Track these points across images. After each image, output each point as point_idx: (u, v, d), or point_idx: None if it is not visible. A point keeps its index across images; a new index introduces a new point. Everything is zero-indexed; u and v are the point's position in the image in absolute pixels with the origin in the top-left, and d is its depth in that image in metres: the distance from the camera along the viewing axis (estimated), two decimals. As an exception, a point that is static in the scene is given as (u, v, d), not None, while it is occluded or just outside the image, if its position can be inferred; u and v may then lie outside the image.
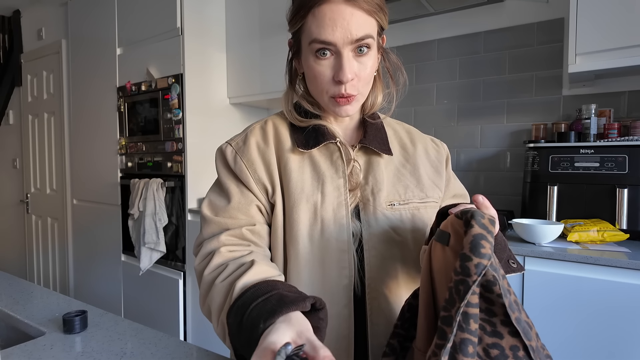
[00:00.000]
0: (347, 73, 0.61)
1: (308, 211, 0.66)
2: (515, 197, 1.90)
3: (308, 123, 0.70)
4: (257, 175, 0.68)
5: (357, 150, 0.71)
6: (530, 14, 1.85)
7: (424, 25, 2.12)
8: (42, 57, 3.18)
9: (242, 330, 0.48)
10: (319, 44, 0.61)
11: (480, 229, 0.45)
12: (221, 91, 2.40)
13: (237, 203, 0.68)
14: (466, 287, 0.44)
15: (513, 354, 0.46)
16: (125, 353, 0.72)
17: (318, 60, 0.63)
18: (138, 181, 2.31)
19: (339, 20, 0.59)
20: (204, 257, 0.65)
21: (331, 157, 0.69)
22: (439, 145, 0.80)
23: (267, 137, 0.71)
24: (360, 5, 0.59)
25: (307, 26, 0.62)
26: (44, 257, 3.31)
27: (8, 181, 3.64)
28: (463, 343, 0.44)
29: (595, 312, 1.20)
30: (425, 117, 2.14)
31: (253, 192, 0.68)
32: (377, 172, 0.70)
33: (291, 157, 0.68)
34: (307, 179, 0.67)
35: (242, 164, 0.68)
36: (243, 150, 0.70)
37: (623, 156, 1.41)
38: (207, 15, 2.29)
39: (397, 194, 0.69)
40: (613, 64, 1.43)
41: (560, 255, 1.24)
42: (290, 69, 0.73)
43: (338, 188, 0.67)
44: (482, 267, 0.43)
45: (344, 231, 0.66)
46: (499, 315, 0.46)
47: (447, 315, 0.45)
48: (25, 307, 0.96)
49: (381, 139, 0.72)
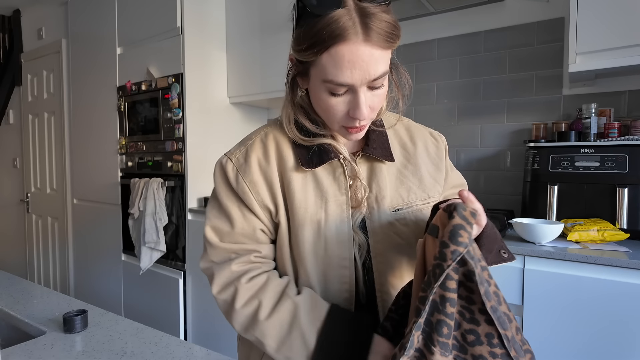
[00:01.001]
0: (364, 111, 0.60)
1: (312, 230, 0.67)
2: (515, 197, 1.90)
3: (312, 142, 0.68)
4: (260, 197, 0.67)
5: (360, 159, 0.71)
6: (531, 13, 1.85)
7: (424, 24, 2.12)
8: (42, 56, 3.17)
9: None
10: (334, 85, 0.58)
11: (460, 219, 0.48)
12: (221, 91, 2.40)
13: (242, 229, 0.68)
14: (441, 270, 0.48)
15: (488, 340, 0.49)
16: (126, 352, 0.72)
17: (331, 96, 0.60)
18: (138, 181, 2.31)
19: (358, 62, 0.56)
20: (223, 287, 0.67)
21: (334, 174, 0.69)
22: (438, 139, 0.79)
23: (268, 153, 0.69)
24: (379, 44, 0.56)
25: (321, 64, 0.58)
26: (44, 257, 3.31)
27: (8, 181, 3.64)
28: (438, 324, 0.49)
29: (595, 312, 1.20)
30: (426, 116, 2.14)
31: (257, 215, 0.68)
32: (380, 178, 0.70)
33: (294, 176, 0.67)
34: (310, 197, 0.67)
35: (245, 185, 0.67)
36: (245, 169, 0.68)
37: (623, 156, 1.41)
38: (207, 14, 2.28)
39: (401, 198, 0.70)
40: (613, 63, 1.43)
41: (561, 255, 1.24)
42: (291, 85, 0.68)
43: (340, 205, 0.67)
44: (458, 253, 0.47)
45: (346, 249, 0.67)
46: (477, 304, 0.50)
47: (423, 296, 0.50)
48: (25, 307, 0.96)
49: (383, 145, 0.72)
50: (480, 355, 0.49)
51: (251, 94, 2.31)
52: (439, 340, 0.49)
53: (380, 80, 0.59)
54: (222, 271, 0.67)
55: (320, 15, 0.55)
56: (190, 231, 2.22)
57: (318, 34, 0.56)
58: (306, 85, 0.66)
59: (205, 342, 2.22)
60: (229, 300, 0.66)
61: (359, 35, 0.55)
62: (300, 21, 0.59)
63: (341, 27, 0.54)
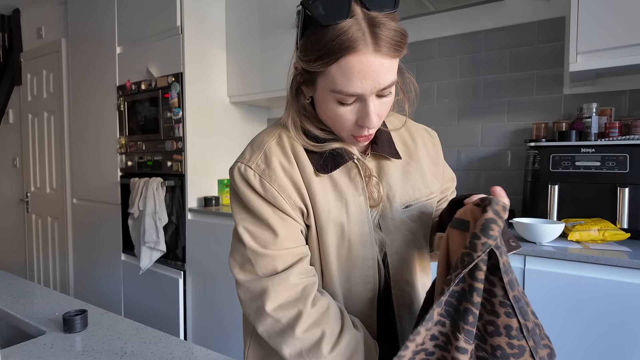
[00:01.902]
0: (374, 120, 0.60)
1: (335, 233, 0.66)
2: (516, 196, 1.89)
3: (323, 148, 0.67)
4: (292, 200, 0.65)
5: (368, 157, 0.72)
6: (531, 12, 1.85)
7: (425, 23, 2.11)
8: (42, 56, 3.17)
9: None
10: (344, 95, 0.58)
11: (492, 214, 0.51)
12: (221, 90, 2.40)
13: (286, 233, 0.65)
14: (470, 259, 0.50)
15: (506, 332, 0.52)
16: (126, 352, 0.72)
17: (340, 106, 0.60)
18: (138, 180, 2.30)
19: (368, 72, 0.55)
20: (282, 305, 0.62)
21: (349, 174, 0.68)
22: (433, 135, 0.81)
23: (288, 156, 0.67)
24: (388, 54, 0.55)
25: (330, 74, 0.57)
26: (44, 257, 3.31)
27: (8, 180, 3.64)
28: (465, 312, 0.52)
29: (595, 311, 1.20)
30: (426, 116, 2.14)
31: (293, 218, 0.66)
32: (388, 176, 0.71)
33: (313, 179, 0.66)
34: (331, 199, 0.66)
35: (274, 190, 0.64)
36: (269, 174, 0.65)
37: (624, 155, 1.41)
38: (207, 13, 2.28)
39: (408, 195, 0.72)
40: (614, 62, 1.43)
41: (561, 255, 1.24)
42: (296, 93, 0.68)
43: (360, 206, 0.68)
44: (488, 245, 0.50)
45: (369, 249, 0.68)
46: (498, 297, 0.53)
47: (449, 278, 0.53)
48: (25, 306, 0.96)
49: (389, 143, 0.73)
50: (498, 346, 0.52)
51: (251, 94, 2.30)
52: (464, 328, 0.52)
53: (389, 88, 0.59)
54: (280, 286, 0.62)
55: (329, 25, 0.54)
56: (190, 231, 2.22)
57: (327, 45, 0.55)
58: (311, 94, 0.65)
59: (205, 341, 2.22)
60: (288, 323, 0.61)
61: (368, 45, 0.54)
62: (306, 31, 0.58)
63: (351, 38, 0.53)
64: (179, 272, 2.27)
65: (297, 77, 0.66)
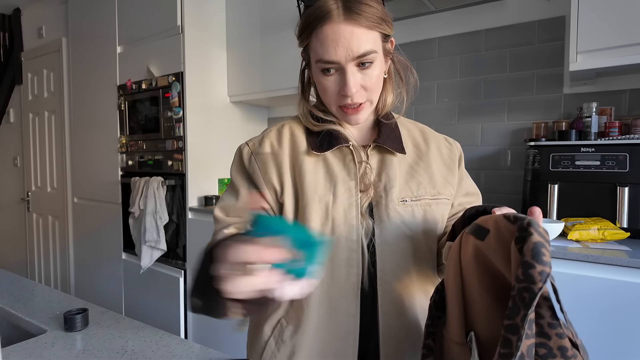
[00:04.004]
0: (352, 88, 0.65)
1: (320, 211, 0.69)
2: (515, 196, 1.89)
3: (322, 127, 0.73)
4: (268, 176, 0.72)
5: (371, 150, 0.73)
6: (532, 12, 1.85)
7: (425, 23, 2.11)
8: (43, 55, 3.17)
9: None
10: (323, 63, 0.65)
11: (539, 237, 0.45)
12: (222, 89, 2.40)
13: (245, 204, 0.72)
14: (532, 295, 0.44)
15: (561, 353, 0.47)
16: (127, 351, 0.72)
17: (324, 76, 0.66)
18: (139, 179, 2.31)
19: (340, 40, 0.62)
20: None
21: (344, 160, 0.72)
22: (452, 143, 0.81)
23: (282, 139, 0.74)
24: (359, 23, 0.62)
25: (312, 45, 0.65)
26: (44, 256, 3.31)
27: (9, 179, 3.65)
28: (529, 348, 0.46)
29: (595, 311, 1.20)
30: (426, 115, 2.14)
31: (262, 194, 0.72)
32: (390, 169, 0.72)
33: (306, 159, 0.71)
34: (320, 180, 0.70)
35: (256, 164, 0.73)
36: (258, 151, 0.74)
37: (624, 154, 1.41)
38: (207, 13, 2.28)
39: (410, 191, 0.72)
40: (614, 62, 1.43)
41: (561, 254, 1.24)
42: (302, 79, 0.76)
43: (349, 190, 0.70)
44: (546, 274, 0.44)
45: (354, 231, 0.69)
46: (545, 318, 0.48)
47: (512, 324, 0.45)
48: (26, 305, 0.96)
49: (395, 138, 0.74)
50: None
51: (251, 93, 2.31)
52: None
53: (368, 58, 0.64)
54: (215, 235, 0.71)
55: (312, 4, 0.64)
56: (191, 230, 2.22)
57: (307, 19, 0.65)
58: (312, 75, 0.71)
59: (206, 340, 2.22)
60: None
61: (340, 15, 0.62)
62: (301, 16, 0.67)
63: (324, 9, 0.62)
64: (180, 271, 2.27)
65: (302, 62, 0.74)
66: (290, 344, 0.71)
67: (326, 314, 0.70)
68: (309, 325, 0.70)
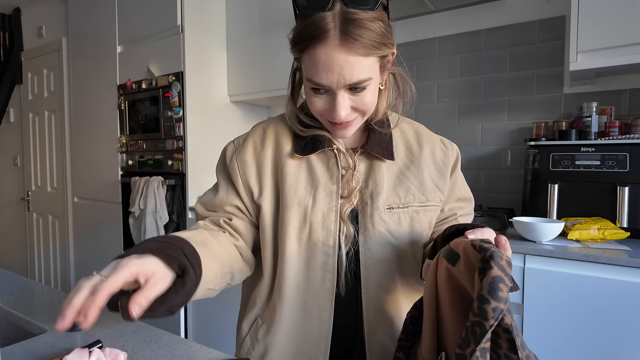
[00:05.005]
0: (340, 113, 0.61)
1: (298, 214, 0.68)
2: (515, 195, 1.89)
3: (309, 133, 0.70)
4: (246, 176, 0.71)
5: (359, 155, 0.71)
6: (532, 11, 1.85)
7: (425, 23, 2.11)
8: (43, 55, 3.17)
9: None
10: (314, 84, 0.60)
11: (499, 270, 0.45)
12: (222, 89, 2.40)
13: (220, 200, 0.73)
14: (482, 331, 0.44)
15: None
16: (126, 350, 0.72)
17: (314, 94, 0.62)
18: (139, 179, 2.31)
19: (334, 66, 0.57)
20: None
21: (327, 163, 0.70)
22: (448, 146, 0.77)
23: (265, 139, 0.73)
24: (355, 51, 0.56)
25: (304, 62, 0.61)
26: (45, 255, 3.31)
27: (9, 179, 3.65)
28: None
29: (595, 311, 1.20)
30: (426, 115, 2.14)
31: (238, 192, 0.72)
32: (377, 176, 0.70)
33: (289, 162, 0.70)
34: (301, 183, 0.69)
35: (236, 163, 0.72)
36: (240, 150, 0.73)
37: (624, 154, 1.41)
38: (207, 12, 2.28)
39: (397, 197, 0.70)
40: (614, 61, 1.43)
41: (561, 254, 1.24)
42: (293, 79, 0.72)
43: (330, 194, 0.68)
44: (499, 311, 0.43)
45: (331, 236, 0.68)
46: (503, 349, 0.47)
47: (462, 354, 0.46)
48: (26, 305, 0.96)
49: (384, 143, 0.71)
50: None
51: (252, 93, 2.30)
52: None
53: (361, 85, 0.59)
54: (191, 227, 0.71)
55: (308, 15, 0.58)
56: (191, 230, 2.22)
57: (301, 33, 0.59)
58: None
59: (206, 340, 2.22)
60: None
61: (335, 39, 0.56)
62: (296, 20, 0.62)
63: (320, 28, 0.56)
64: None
65: (294, 63, 0.70)
66: (263, 344, 0.72)
67: (299, 318, 0.70)
68: (281, 326, 0.70)
